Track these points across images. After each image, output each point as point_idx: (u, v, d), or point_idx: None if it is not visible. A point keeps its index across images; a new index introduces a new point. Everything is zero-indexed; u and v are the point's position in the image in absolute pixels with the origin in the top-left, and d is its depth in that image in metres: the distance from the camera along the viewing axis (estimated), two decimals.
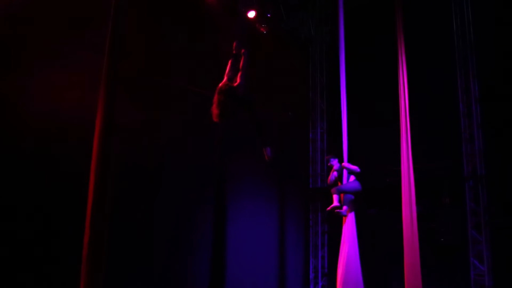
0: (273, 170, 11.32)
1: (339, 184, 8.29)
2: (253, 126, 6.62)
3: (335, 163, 8.44)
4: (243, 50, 6.55)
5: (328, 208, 8.20)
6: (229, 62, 6.74)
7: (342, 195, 8.15)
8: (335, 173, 8.40)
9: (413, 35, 9.07)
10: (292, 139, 12.36)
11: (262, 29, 11.78)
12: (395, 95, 8.10)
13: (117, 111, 5.88)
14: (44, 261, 7.31)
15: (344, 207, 8.05)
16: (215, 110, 6.37)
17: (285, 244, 11.66)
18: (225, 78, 6.61)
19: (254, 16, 11.22)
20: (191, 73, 10.01)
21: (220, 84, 6.53)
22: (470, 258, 9.67)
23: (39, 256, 7.28)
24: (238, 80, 6.49)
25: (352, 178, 8.21)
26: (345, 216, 8.10)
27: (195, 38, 10.14)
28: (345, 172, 8.25)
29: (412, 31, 8.90)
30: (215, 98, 6.40)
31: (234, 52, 6.68)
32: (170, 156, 9.38)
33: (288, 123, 12.28)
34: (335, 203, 8.02)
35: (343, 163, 8.22)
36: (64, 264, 7.26)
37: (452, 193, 10.23)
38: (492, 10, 10.28)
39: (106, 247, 5.40)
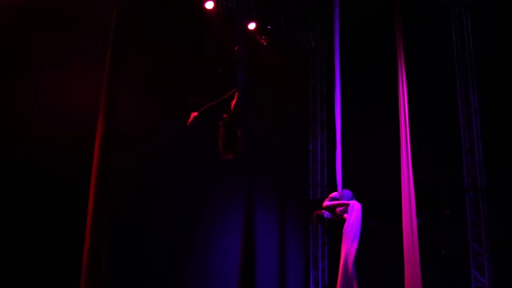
0: (273, 181, 11.33)
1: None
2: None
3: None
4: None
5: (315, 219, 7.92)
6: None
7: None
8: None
9: (412, 46, 9.10)
10: (292, 150, 12.35)
11: (262, 41, 11.84)
12: (395, 106, 8.10)
13: (118, 119, 5.92)
14: (43, 271, 7.30)
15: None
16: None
17: (285, 255, 11.61)
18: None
19: (255, 28, 11.28)
20: (193, 82, 10.07)
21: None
22: (471, 270, 9.61)
23: (39, 266, 7.28)
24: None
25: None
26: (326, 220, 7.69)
27: (196, 48, 10.22)
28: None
29: (411, 42, 8.92)
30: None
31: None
32: (170, 164, 9.40)
33: (288, 134, 12.29)
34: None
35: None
36: (63, 275, 7.24)
37: (453, 205, 10.19)
38: (492, 22, 10.32)
39: (106, 257, 5.38)
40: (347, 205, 7.28)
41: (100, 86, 5.98)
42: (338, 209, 7.40)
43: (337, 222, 7.73)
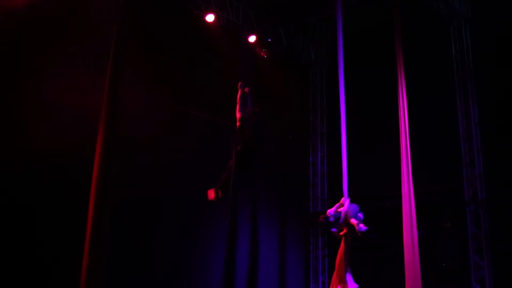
0: (273, 194, 11.32)
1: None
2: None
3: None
4: (246, 89, 6.59)
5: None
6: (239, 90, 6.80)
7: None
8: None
9: (412, 59, 9.12)
10: (292, 163, 12.35)
11: (262, 53, 11.89)
12: (395, 119, 8.11)
13: (119, 129, 5.94)
14: (41, 281, 7.29)
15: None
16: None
17: (285, 268, 11.56)
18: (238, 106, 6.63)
19: (255, 41, 11.33)
20: (194, 97, 10.12)
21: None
22: (472, 283, 9.56)
23: (37, 276, 7.27)
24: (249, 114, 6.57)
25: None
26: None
27: (197, 61, 10.27)
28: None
29: (411, 56, 8.95)
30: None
31: (239, 91, 6.74)
32: (172, 177, 9.40)
33: (289, 146, 12.30)
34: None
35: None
36: (63, 285, 7.23)
37: (453, 218, 10.17)
38: (491, 35, 10.38)
39: (105, 272, 5.35)
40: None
41: (102, 96, 6.00)
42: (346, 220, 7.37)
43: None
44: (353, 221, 7.23)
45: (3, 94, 7.38)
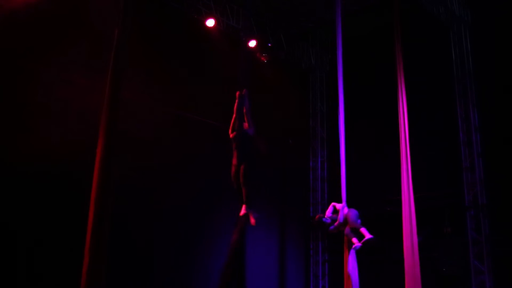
0: (273, 198, 11.31)
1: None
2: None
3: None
4: (244, 91, 6.55)
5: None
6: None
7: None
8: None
9: (412, 64, 9.15)
10: (293, 167, 12.35)
11: (263, 58, 11.91)
12: (395, 124, 8.12)
13: (119, 134, 5.95)
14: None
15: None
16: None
17: (285, 273, 11.54)
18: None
19: (255, 46, 11.35)
20: (194, 101, 10.14)
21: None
22: None
23: (37, 281, 7.27)
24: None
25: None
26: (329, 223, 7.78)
27: (197, 64, 10.30)
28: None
29: (411, 60, 8.98)
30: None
31: (237, 100, 6.70)
32: (171, 180, 9.41)
33: (289, 151, 12.30)
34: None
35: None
36: None
37: (454, 222, 10.17)
38: (491, 40, 10.40)
39: (105, 273, 5.35)
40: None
41: (102, 98, 6.01)
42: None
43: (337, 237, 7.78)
44: (354, 239, 7.35)
45: (4, 96, 7.41)
